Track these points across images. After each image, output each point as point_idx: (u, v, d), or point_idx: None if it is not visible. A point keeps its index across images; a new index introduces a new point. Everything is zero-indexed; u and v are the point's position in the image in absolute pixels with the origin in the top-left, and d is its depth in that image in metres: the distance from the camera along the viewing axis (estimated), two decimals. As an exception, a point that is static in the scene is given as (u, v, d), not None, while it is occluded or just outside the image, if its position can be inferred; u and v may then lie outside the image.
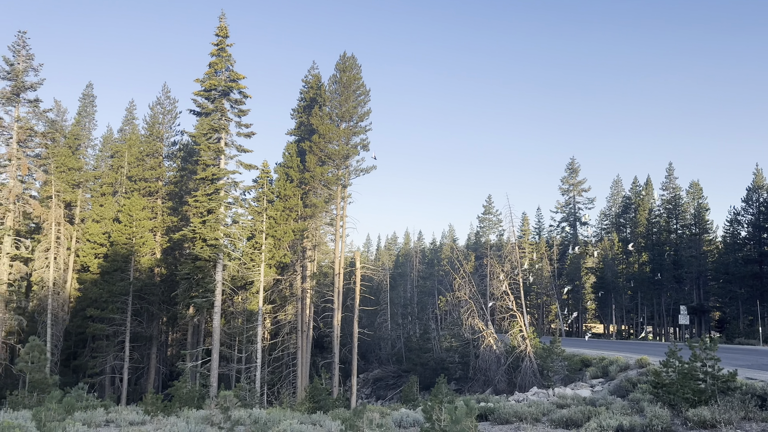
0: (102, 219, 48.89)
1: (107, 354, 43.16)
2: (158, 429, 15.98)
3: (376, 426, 12.98)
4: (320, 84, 50.61)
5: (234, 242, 40.69)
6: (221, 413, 14.21)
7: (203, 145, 38.85)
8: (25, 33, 38.87)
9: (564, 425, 15.13)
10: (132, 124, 61.68)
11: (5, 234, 38.71)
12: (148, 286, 45.53)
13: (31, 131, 40.21)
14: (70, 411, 19.03)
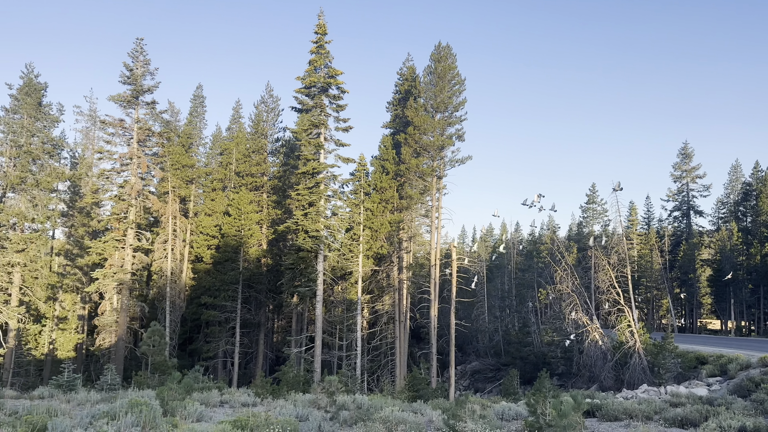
0: (213, 212, 52.05)
1: (220, 339, 45.99)
2: (268, 410, 16.82)
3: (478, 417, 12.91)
4: (415, 75, 50.67)
5: (333, 234, 41.88)
6: (327, 397, 14.74)
7: (304, 141, 40.23)
8: (142, 40, 42.06)
9: (679, 424, 14.28)
10: (239, 122, 65.03)
11: (128, 227, 42.23)
12: (255, 276, 47.95)
13: (149, 131, 43.48)
14: (189, 391, 20.52)
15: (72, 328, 44.04)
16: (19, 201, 38.44)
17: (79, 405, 19.38)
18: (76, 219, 47.75)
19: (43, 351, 41.96)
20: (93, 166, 54.00)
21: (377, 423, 13.26)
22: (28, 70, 39.61)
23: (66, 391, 23.56)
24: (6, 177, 37.35)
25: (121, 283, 40.67)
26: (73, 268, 46.73)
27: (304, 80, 39.48)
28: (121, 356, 40.54)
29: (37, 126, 39.27)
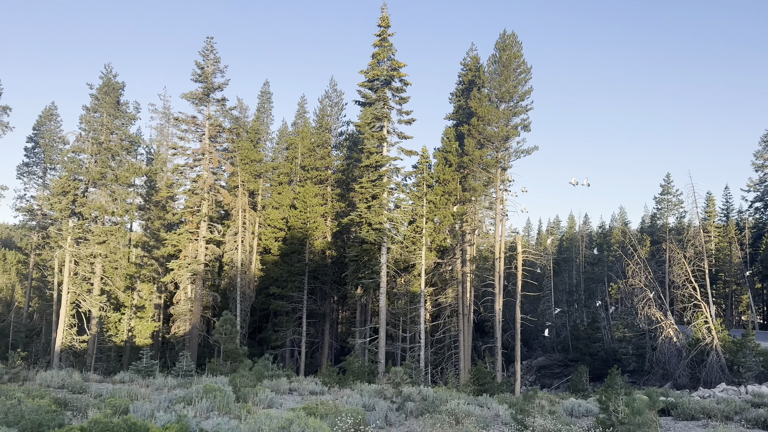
0: (280, 206, 53.35)
1: (287, 329, 47.20)
2: (335, 399, 17.12)
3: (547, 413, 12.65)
4: (479, 65, 49.91)
5: (396, 226, 42.00)
6: (392, 388, 14.84)
7: (367, 134, 40.50)
8: (212, 38, 43.47)
9: (762, 426, 13.50)
10: (303, 117, 66.20)
11: (201, 220, 43.92)
12: (320, 267, 48.83)
13: (219, 128, 44.98)
14: (260, 378, 21.19)
15: (149, 316, 46.33)
16: (99, 195, 40.70)
17: (157, 390, 20.39)
18: (153, 212, 50.09)
19: (123, 338, 44.36)
20: (167, 162, 56.46)
21: (443, 415, 13.23)
22: (107, 71, 41.79)
23: (145, 376, 24.85)
24: (88, 172, 39.62)
25: (194, 273, 42.39)
26: (150, 259, 49.11)
27: (367, 74, 39.69)
28: (195, 343, 42.30)
29: (116, 124, 41.40)
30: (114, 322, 42.55)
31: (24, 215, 52.87)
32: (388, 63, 39.47)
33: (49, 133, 53.65)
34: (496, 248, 44.14)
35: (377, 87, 39.88)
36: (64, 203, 38.14)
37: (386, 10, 39.26)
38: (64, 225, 38.62)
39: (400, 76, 39.45)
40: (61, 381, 20.60)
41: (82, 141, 40.20)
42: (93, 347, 39.42)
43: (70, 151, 40.88)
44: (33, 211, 52.09)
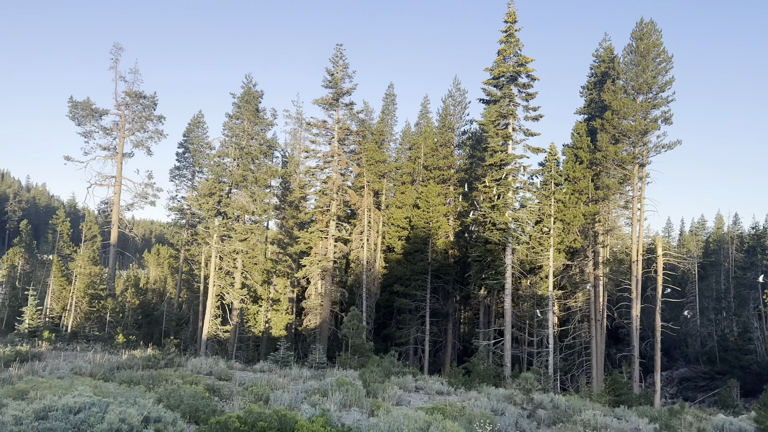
0: (403, 205, 54.13)
1: (410, 326, 47.80)
2: (462, 401, 17.05)
3: (696, 430, 11.63)
4: (613, 56, 47.14)
5: (522, 226, 40.89)
6: (523, 394, 14.46)
7: (491, 132, 39.82)
8: (341, 45, 45.12)
9: None
10: (426, 117, 66.61)
11: (330, 219, 45.77)
12: (443, 267, 48.87)
13: (347, 131, 46.58)
14: (388, 375, 21.67)
15: (283, 309, 49.13)
16: (241, 196, 43.86)
17: (293, 380, 21.58)
18: (287, 211, 53.08)
19: (260, 328, 47.42)
20: (300, 164, 59.54)
21: (578, 426, 12.67)
22: (248, 80, 44.89)
23: (281, 366, 26.40)
24: (231, 175, 42.88)
25: (324, 270, 44.31)
26: (284, 256, 52.07)
27: (492, 71, 39.04)
28: (325, 337, 44.20)
29: (255, 129, 44.37)
30: (253, 314, 45.61)
31: (175, 214, 58.40)
32: (514, 59, 38.53)
33: (197, 139, 58.80)
34: (632, 250, 41.46)
35: (503, 84, 39.07)
36: (211, 203, 41.58)
37: (513, 5, 38.34)
38: (211, 223, 42.11)
39: (527, 72, 38.35)
40: (209, 368, 22.48)
41: (226, 146, 43.57)
42: (234, 336, 42.58)
43: (215, 155, 44.50)
44: (183, 211, 57.38)
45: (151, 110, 52.07)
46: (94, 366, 19.55)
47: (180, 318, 58.25)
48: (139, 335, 47.31)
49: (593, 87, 48.51)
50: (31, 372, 17.03)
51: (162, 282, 74.89)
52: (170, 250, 68.31)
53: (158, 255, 79.89)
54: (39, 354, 22.29)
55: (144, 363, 21.81)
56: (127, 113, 51.27)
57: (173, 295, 62.47)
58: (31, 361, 20.31)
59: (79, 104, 48.95)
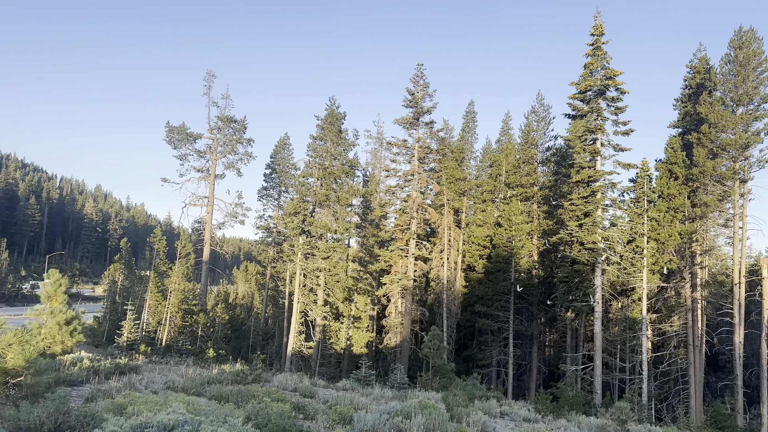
0: (484, 223, 53.32)
1: (493, 348, 46.70)
2: (552, 429, 16.33)
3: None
4: (709, 67, 44.53)
5: (612, 246, 39.09)
6: (617, 425, 13.63)
7: (577, 148, 38.56)
8: (422, 65, 45.48)
9: None
10: (508, 134, 65.62)
11: (410, 237, 45.83)
12: (527, 287, 47.52)
13: (427, 149, 46.67)
14: (471, 399, 21.18)
15: (364, 326, 49.49)
16: (323, 215, 44.85)
17: (375, 400, 21.55)
18: (368, 230, 53.69)
19: (342, 345, 47.96)
20: (380, 183, 60.20)
21: (682, 464, 11.76)
22: (331, 103, 46.09)
23: (363, 385, 26.49)
24: (315, 195, 43.98)
25: (404, 288, 44.30)
26: (365, 274, 52.58)
27: (578, 85, 37.91)
28: (406, 356, 44.03)
29: (338, 150, 45.38)
30: (335, 331, 46.24)
31: (262, 232, 60.57)
32: (602, 72, 37.24)
33: (283, 160, 60.92)
34: (734, 271, 38.58)
35: (590, 98, 37.81)
36: (296, 222, 42.79)
37: (599, 18, 37.17)
38: (296, 241, 43.30)
39: (615, 85, 36.91)
40: (294, 384, 22.91)
41: (310, 167, 44.81)
42: (317, 353, 43.29)
43: (300, 176, 45.87)
44: (270, 229, 59.43)
45: (241, 133, 54.58)
46: (187, 380, 20.42)
47: (266, 333, 60.03)
48: (228, 349, 49.15)
49: (687, 99, 45.97)
50: (129, 385, 18.00)
51: (250, 298, 77.69)
52: (257, 267, 70.83)
53: (246, 272, 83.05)
54: (136, 367, 23.58)
55: (233, 378, 22.54)
56: (219, 137, 54.03)
57: (260, 311, 64.55)
58: (129, 373, 21.51)
59: (175, 129, 52.11)
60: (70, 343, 27.10)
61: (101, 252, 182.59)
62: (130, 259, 64.29)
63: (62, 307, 26.94)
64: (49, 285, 26.86)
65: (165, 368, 26.57)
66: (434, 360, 34.51)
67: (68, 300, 27.78)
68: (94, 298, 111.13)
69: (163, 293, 49.46)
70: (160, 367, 26.63)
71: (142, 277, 56.32)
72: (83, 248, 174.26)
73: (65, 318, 26.59)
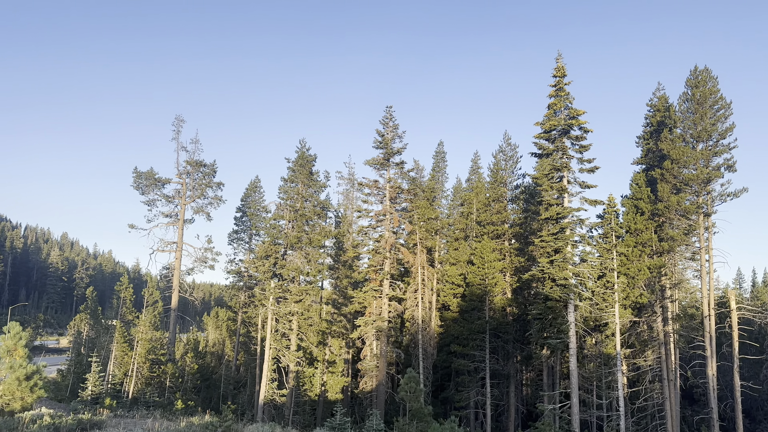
0: (457, 262, 53.39)
1: (470, 389, 46.08)
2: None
3: None
4: (668, 105, 46.21)
5: (584, 281, 39.41)
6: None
7: (545, 186, 39.20)
8: (391, 107, 46.14)
9: None
10: (477, 173, 66.57)
11: (384, 278, 45.52)
12: (501, 325, 47.39)
13: (399, 189, 46.91)
14: (449, 443, 20.66)
15: (339, 371, 48.48)
16: (295, 257, 44.32)
17: (351, 448, 20.87)
18: (341, 271, 53.22)
19: (316, 392, 46.81)
20: (353, 224, 60.08)
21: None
22: (302, 145, 46.21)
23: (338, 432, 25.70)
24: (286, 237, 43.56)
25: (379, 330, 43.71)
26: (339, 316, 51.83)
27: (543, 125, 38.83)
28: (382, 400, 43.10)
29: (309, 191, 45.28)
30: (308, 377, 45.17)
31: (233, 277, 59.52)
32: (565, 112, 38.27)
33: (254, 203, 60.49)
34: (703, 304, 39.15)
35: (555, 137, 38.72)
36: (267, 266, 42.17)
37: (561, 60, 38.42)
38: (267, 285, 42.57)
39: (579, 124, 37.91)
40: (266, 435, 22.10)
41: (282, 209, 44.52)
42: (290, 400, 42.10)
43: (271, 218, 45.48)
44: (241, 273, 58.45)
45: (211, 177, 54.16)
46: (154, 434, 19.54)
47: (238, 381, 58.32)
48: (198, 400, 47.47)
49: (649, 137, 47.45)
50: (93, 441, 17.11)
51: (220, 345, 75.70)
52: (228, 313, 69.30)
53: (217, 318, 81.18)
54: (100, 423, 22.52)
55: (201, 431, 21.66)
56: (188, 181, 53.50)
57: (231, 358, 62.86)
58: (92, 430, 20.50)
59: (143, 174, 51.46)
60: (31, 399, 25.79)
61: (67, 302, 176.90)
62: (97, 309, 62.33)
63: (22, 362, 25.73)
64: (9, 338, 25.70)
65: (131, 423, 25.43)
66: (411, 404, 33.81)
67: (29, 354, 26.57)
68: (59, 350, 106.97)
69: (130, 343, 47.87)
70: (126, 422, 25.48)
71: (109, 327, 54.57)
72: (48, 298, 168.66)
73: (25, 373, 25.36)
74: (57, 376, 52.74)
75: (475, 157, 68.38)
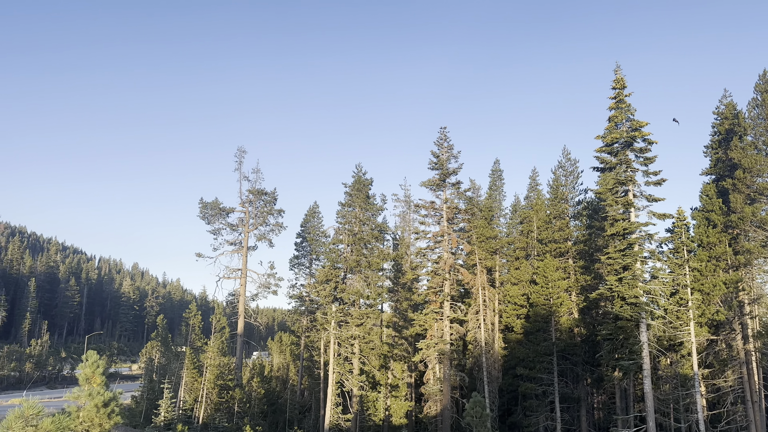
0: (519, 281, 52.29)
1: (539, 413, 44.66)
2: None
3: None
4: (736, 112, 44.14)
5: (655, 299, 37.73)
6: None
7: (609, 200, 38.02)
8: (445, 128, 46.13)
9: None
10: (536, 190, 65.38)
11: (444, 299, 45.05)
12: (569, 347, 45.88)
13: (456, 209, 46.60)
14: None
15: (402, 395, 48.06)
16: (355, 281, 44.62)
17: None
18: (400, 294, 53.12)
19: (380, 417, 46.49)
20: (410, 246, 60.04)
21: None
22: (358, 170, 46.83)
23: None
24: (346, 261, 43.98)
25: (441, 353, 43.17)
26: (400, 339, 51.58)
27: (604, 138, 37.83)
28: (447, 425, 42.34)
29: (366, 215, 45.68)
30: (372, 401, 44.99)
31: (295, 302, 60.42)
32: (627, 124, 37.17)
33: (313, 228, 61.50)
34: (788, 321, 36.68)
35: (617, 150, 37.60)
36: (328, 290, 42.61)
37: (620, 72, 37.49)
38: (329, 309, 42.96)
39: (642, 136, 36.69)
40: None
41: (340, 233, 45.06)
42: (355, 425, 42.01)
43: (330, 243, 46.10)
44: (302, 298, 59.27)
45: (272, 205, 55.55)
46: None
47: (303, 406, 58.73)
48: (265, 425, 48.05)
49: (718, 146, 45.38)
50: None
51: (285, 369, 76.65)
52: (291, 337, 70.22)
53: (280, 342, 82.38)
54: (175, 447, 23.08)
55: (271, 456, 21.83)
56: (251, 209, 55.07)
57: (295, 382, 63.48)
58: (168, 454, 21.03)
59: (209, 204, 53.37)
60: (108, 426, 26.83)
61: (138, 329, 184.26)
62: (167, 336, 64.53)
63: (100, 389, 26.85)
64: (87, 367, 26.92)
65: (202, 448, 25.94)
66: (478, 429, 33.02)
67: (106, 381, 27.69)
68: (132, 377, 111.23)
69: (199, 369, 49.18)
70: (197, 447, 26.02)
71: (179, 354, 56.31)
72: (121, 326, 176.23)
73: (103, 400, 26.43)
74: (131, 402, 54.72)
75: (533, 174, 67.23)
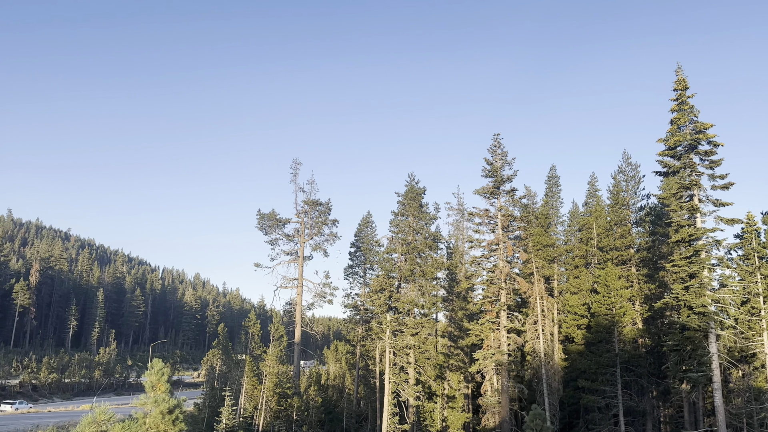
0: (579, 291, 50.81)
1: (602, 427, 43.12)
2: None
3: None
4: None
5: (725, 308, 35.85)
6: None
7: (673, 206, 36.53)
8: (498, 135, 45.59)
9: None
10: (595, 196, 63.57)
11: (501, 309, 44.27)
12: (633, 358, 44.15)
13: (511, 217, 45.84)
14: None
15: (459, 406, 47.45)
16: (409, 290, 44.49)
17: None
18: (455, 303, 52.59)
19: (437, 428, 46.02)
20: (464, 254, 59.48)
21: None
22: (410, 179, 46.85)
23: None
24: (400, 270, 43.96)
25: (499, 363, 42.38)
26: (456, 349, 51.01)
27: (666, 141, 36.43)
28: (506, 438, 41.46)
29: (420, 224, 45.55)
30: (429, 412, 44.61)
31: (350, 311, 60.83)
32: (690, 126, 35.67)
33: (367, 238, 61.87)
34: None
35: (680, 153, 36.11)
36: (382, 299, 42.68)
37: (681, 73, 36.07)
38: (383, 318, 43.00)
39: (707, 138, 35.11)
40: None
41: (393, 242, 45.11)
42: (412, 436, 41.69)
43: (384, 252, 46.20)
44: (357, 307, 59.62)
45: (326, 215, 56.31)
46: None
47: (359, 415, 58.91)
48: (322, 433, 48.42)
49: (791, 145, 42.85)
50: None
51: (341, 378, 77.16)
52: (347, 346, 70.71)
53: (336, 351, 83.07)
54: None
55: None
56: (306, 220, 55.98)
57: (351, 391, 63.77)
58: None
59: (266, 216, 54.60)
60: (173, 432, 27.69)
61: (200, 338, 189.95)
62: (227, 344, 66.18)
63: (165, 396, 27.75)
64: (153, 374, 27.90)
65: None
66: (538, 441, 32.17)
67: (170, 388, 28.61)
68: (194, 384, 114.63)
69: (259, 377, 50.11)
70: (257, 455, 26.45)
71: (239, 362, 57.57)
72: (183, 335, 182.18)
73: (168, 407, 27.30)
74: (194, 410, 56.30)
75: (592, 180, 65.40)
